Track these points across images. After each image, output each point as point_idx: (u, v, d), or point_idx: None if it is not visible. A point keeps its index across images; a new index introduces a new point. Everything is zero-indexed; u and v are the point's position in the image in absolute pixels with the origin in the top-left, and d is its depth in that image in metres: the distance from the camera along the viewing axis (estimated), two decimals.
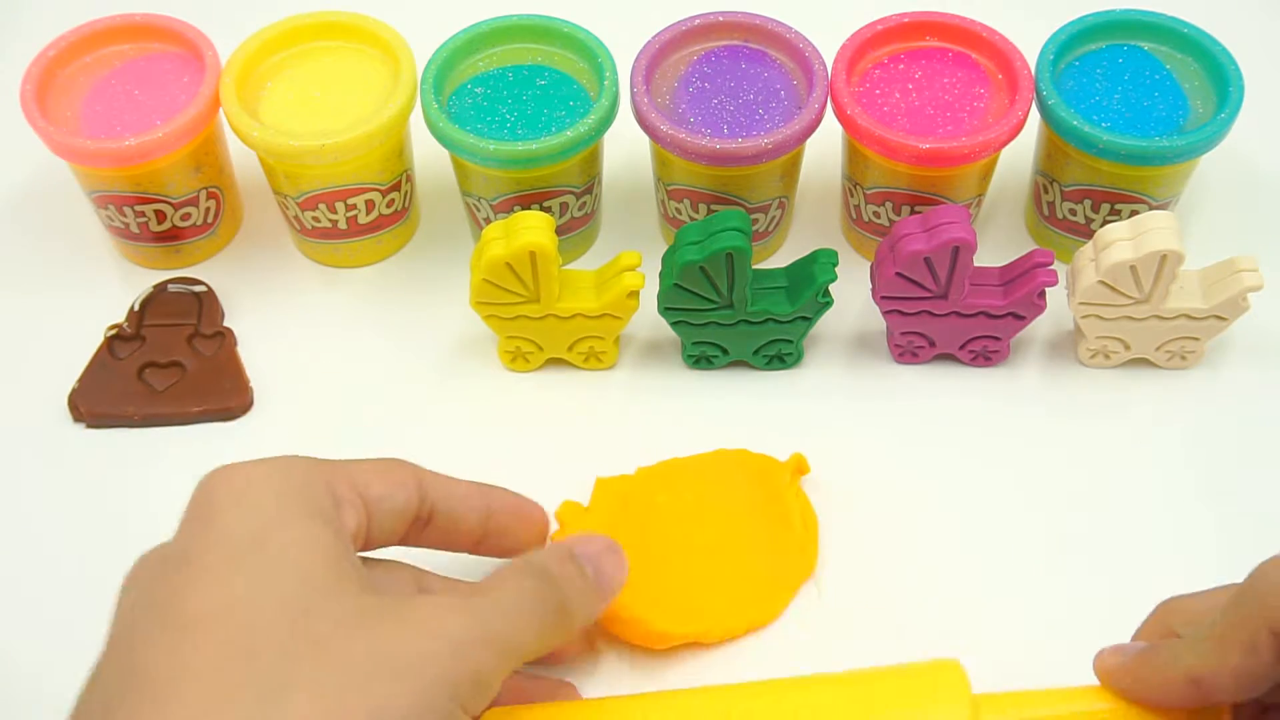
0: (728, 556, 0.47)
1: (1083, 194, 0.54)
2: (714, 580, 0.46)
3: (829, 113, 0.53)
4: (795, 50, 0.54)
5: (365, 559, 0.39)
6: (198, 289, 0.56)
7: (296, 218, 0.56)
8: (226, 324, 0.55)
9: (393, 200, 0.56)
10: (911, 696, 0.37)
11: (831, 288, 0.50)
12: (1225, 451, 0.51)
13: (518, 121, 0.53)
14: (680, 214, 0.56)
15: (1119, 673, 0.36)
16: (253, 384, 0.54)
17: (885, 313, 0.51)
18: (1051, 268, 0.49)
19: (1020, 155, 0.56)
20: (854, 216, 0.57)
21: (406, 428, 0.52)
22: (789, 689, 0.39)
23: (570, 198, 0.55)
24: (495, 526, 0.42)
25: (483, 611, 0.35)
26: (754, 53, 0.55)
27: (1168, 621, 0.37)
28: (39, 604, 0.48)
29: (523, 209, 0.52)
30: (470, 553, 0.43)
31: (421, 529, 0.41)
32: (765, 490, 0.49)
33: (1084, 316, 0.51)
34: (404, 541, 0.41)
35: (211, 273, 0.58)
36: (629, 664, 0.45)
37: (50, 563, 0.49)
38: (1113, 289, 0.49)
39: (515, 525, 0.43)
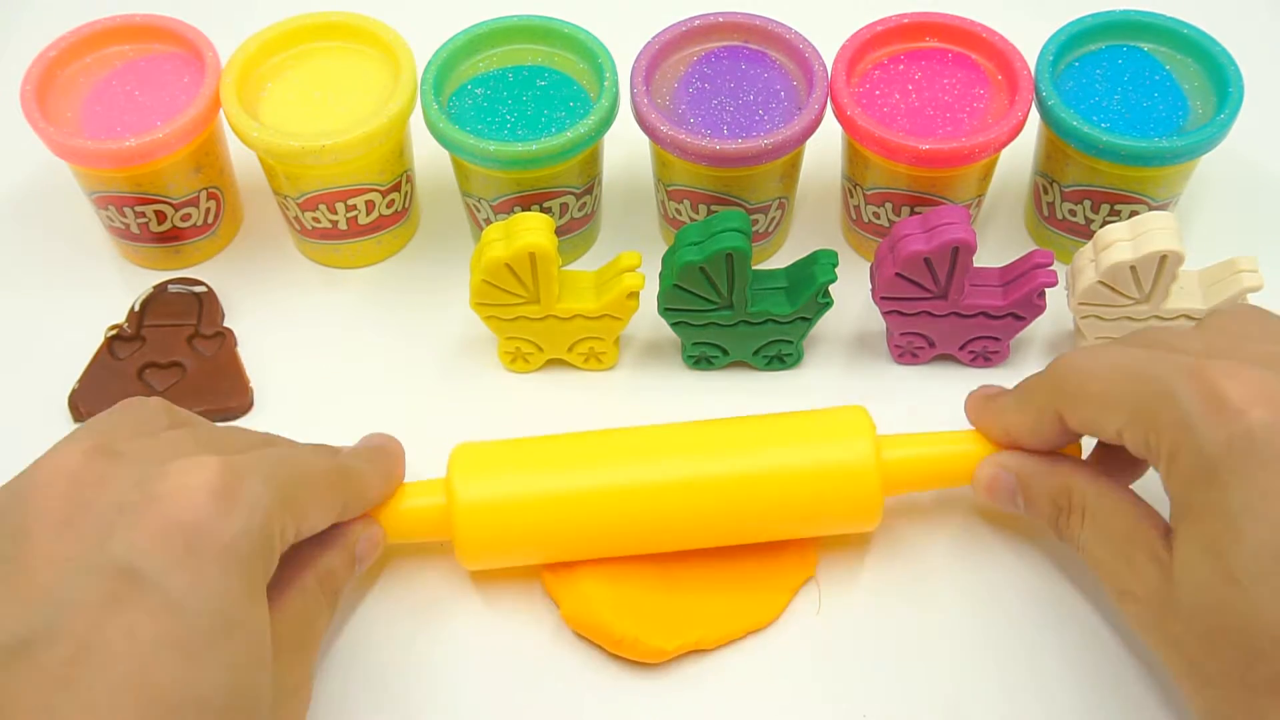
0: (727, 556, 0.47)
1: (1082, 194, 0.54)
2: (712, 580, 0.46)
3: (829, 113, 0.53)
4: (795, 51, 0.54)
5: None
6: (198, 289, 0.56)
7: (297, 218, 0.56)
8: (227, 324, 0.56)
9: (393, 201, 0.56)
10: (826, 431, 0.45)
11: (831, 288, 0.50)
12: None
13: (518, 122, 0.53)
14: (680, 215, 0.56)
15: (970, 411, 0.46)
16: (253, 384, 0.54)
17: (885, 313, 0.51)
18: (1051, 268, 0.49)
19: (1020, 155, 0.56)
20: (854, 217, 0.57)
21: (407, 428, 0.52)
22: (715, 426, 0.46)
23: (570, 198, 0.55)
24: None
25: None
26: (754, 54, 0.55)
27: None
28: None
29: (523, 210, 0.53)
30: None
31: None
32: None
33: (1084, 317, 0.51)
34: None
35: (212, 273, 0.58)
36: (628, 671, 0.45)
37: None
38: (1112, 289, 0.49)
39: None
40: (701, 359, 0.54)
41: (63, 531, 0.35)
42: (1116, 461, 0.44)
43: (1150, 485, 0.42)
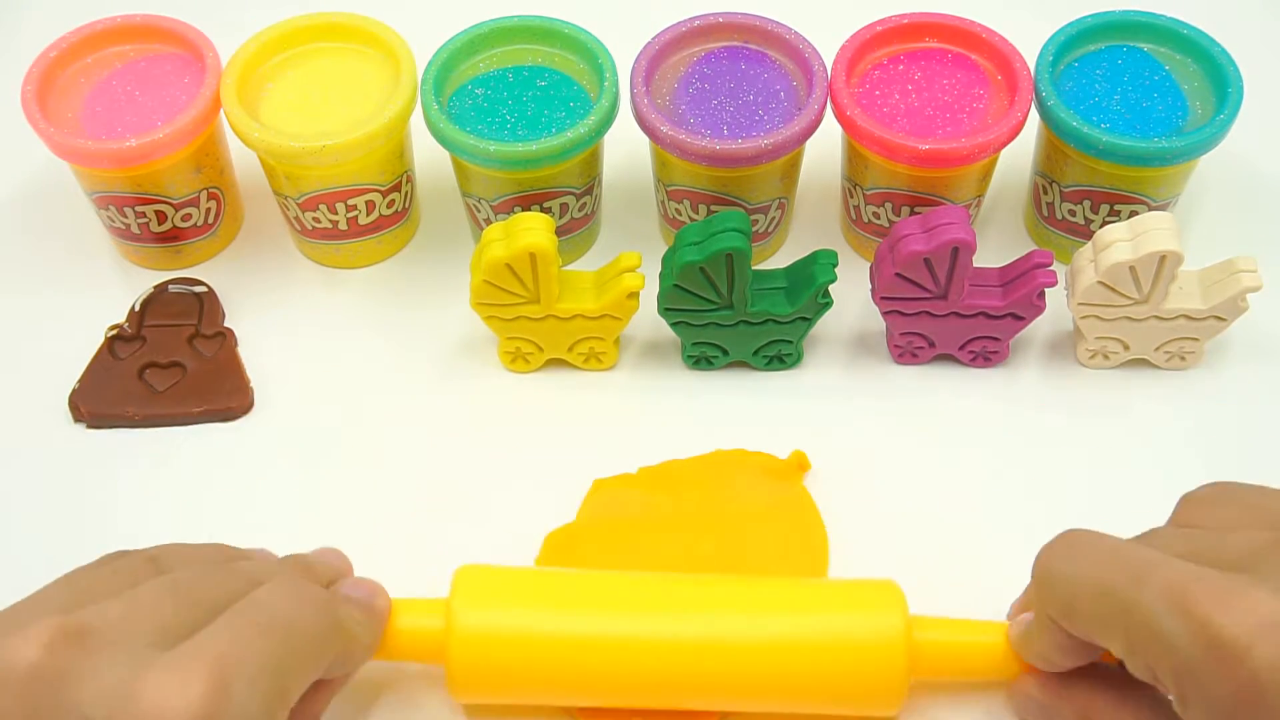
0: (733, 563, 0.47)
1: (1082, 195, 0.54)
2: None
3: (829, 113, 0.53)
4: (795, 51, 0.54)
5: None
6: (198, 289, 0.56)
7: (297, 218, 0.56)
8: (227, 324, 0.56)
9: (393, 201, 0.56)
10: (855, 603, 0.42)
11: (831, 288, 0.50)
12: (1224, 452, 0.51)
13: (518, 122, 0.53)
14: (680, 215, 0.56)
15: (1013, 644, 0.41)
16: (253, 384, 0.54)
17: (885, 313, 0.51)
18: (1051, 268, 0.49)
19: (1020, 156, 0.57)
20: (854, 217, 0.57)
21: (406, 428, 0.53)
22: (739, 583, 0.43)
23: (570, 199, 0.55)
24: None
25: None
26: (754, 54, 0.55)
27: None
28: None
29: (523, 210, 0.53)
30: None
31: None
32: (768, 490, 0.49)
33: (1083, 317, 0.51)
34: None
35: (212, 273, 0.58)
36: None
37: (50, 563, 0.49)
38: (1112, 289, 0.49)
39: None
40: (701, 359, 0.54)
41: None
42: None
43: None
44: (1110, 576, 0.35)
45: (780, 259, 0.58)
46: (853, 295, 0.55)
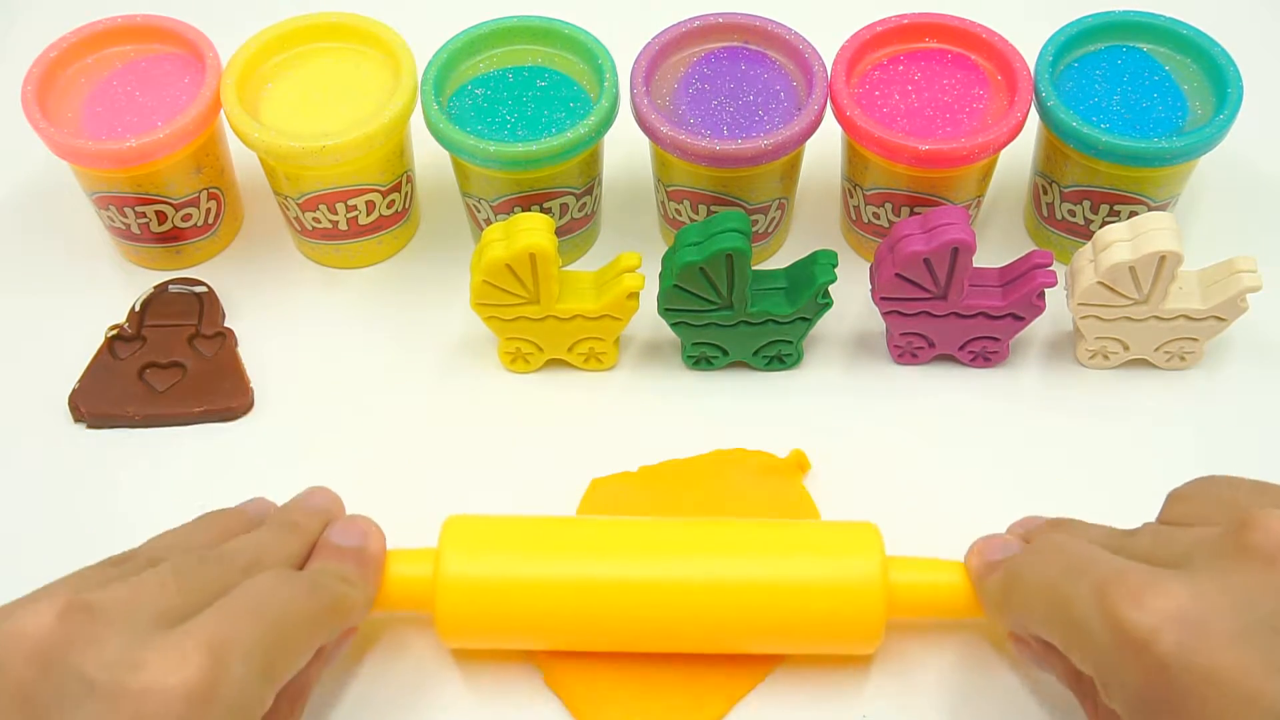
0: None
1: (1082, 195, 0.54)
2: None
3: (829, 114, 0.53)
4: (795, 51, 0.54)
5: None
6: (199, 289, 0.56)
7: (297, 218, 0.56)
8: (227, 324, 0.56)
9: (393, 201, 0.56)
10: (834, 546, 0.43)
11: (831, 288, 0.50)
12: (1224, 452, 0.51)
13: (518, 123, 0.53)
14: (680, 215, 0.56)
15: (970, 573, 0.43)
16: (253, 384, 0.54)
17: (885, 313, 0.51)
18: (1050, 269, 0.49)
19: (1020, 156, 0.57)
20: (854, 217, 0.57)
21: (407, 428, 0.53)
22: (719, 528, 0.44)
23: (570, 199, 0.55)
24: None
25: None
26: (754, 54, 0.55)
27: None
28: None
29: (523, 210, 0.53)
30: None
31: None
32: (767, 489, 0.49)
33: (1083, 317, 0.51)
34: None
35: (212, 273, 0.58)
36: None
37: (50, 563, 0.49)
38: (1112, 290, 0.49)
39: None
40: (701, 359, 0.54)
41: (22, 707, 0.32)
42: None
43: None
44: (1054, 578, 0.37)
45: (780, 259, 0.58)
46: (853, 295, 0.55)
